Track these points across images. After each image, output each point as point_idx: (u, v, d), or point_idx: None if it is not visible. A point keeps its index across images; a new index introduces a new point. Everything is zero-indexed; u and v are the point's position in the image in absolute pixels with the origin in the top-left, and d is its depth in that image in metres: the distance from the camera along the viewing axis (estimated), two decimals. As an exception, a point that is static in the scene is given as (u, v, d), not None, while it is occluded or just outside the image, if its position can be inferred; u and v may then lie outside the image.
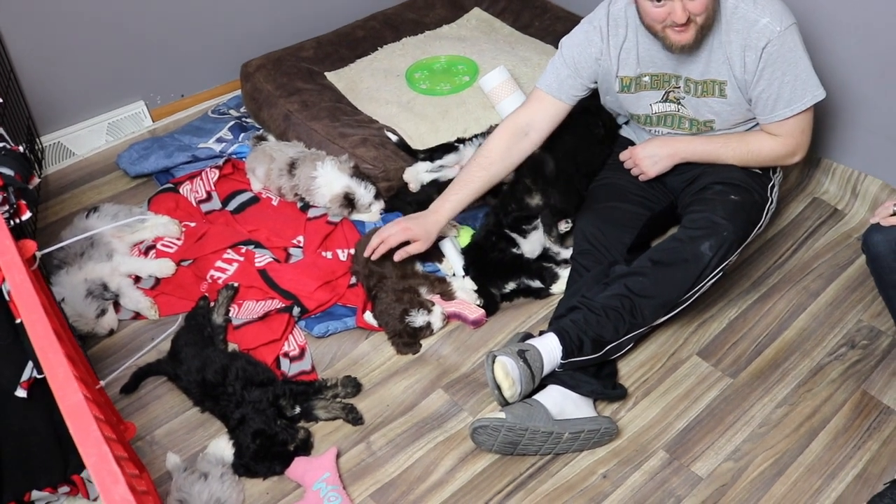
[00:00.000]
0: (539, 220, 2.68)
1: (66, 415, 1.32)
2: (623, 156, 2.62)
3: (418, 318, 2.47)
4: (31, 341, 1.51)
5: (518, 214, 2.69)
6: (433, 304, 2.53)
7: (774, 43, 2.21)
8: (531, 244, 2.68)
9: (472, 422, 2.17)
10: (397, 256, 2.51)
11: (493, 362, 2.15)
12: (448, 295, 2.58)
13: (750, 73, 2.26)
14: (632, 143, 2.68)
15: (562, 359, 2.23)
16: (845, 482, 2.14)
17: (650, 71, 2.40)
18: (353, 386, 2.37)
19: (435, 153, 2.91)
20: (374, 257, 2.52)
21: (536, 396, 2.22)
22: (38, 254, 1.87)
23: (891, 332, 2.48)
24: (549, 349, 2.23)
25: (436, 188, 2.81)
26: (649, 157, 2.53)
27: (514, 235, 2.65)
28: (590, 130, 2.74)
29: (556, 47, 2.56)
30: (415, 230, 2.51)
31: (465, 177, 2.55)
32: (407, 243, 2.52)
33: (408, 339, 2.48)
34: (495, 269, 2.62)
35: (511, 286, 2.62)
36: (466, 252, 2.70)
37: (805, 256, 2.78)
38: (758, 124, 2.42)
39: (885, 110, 2.79)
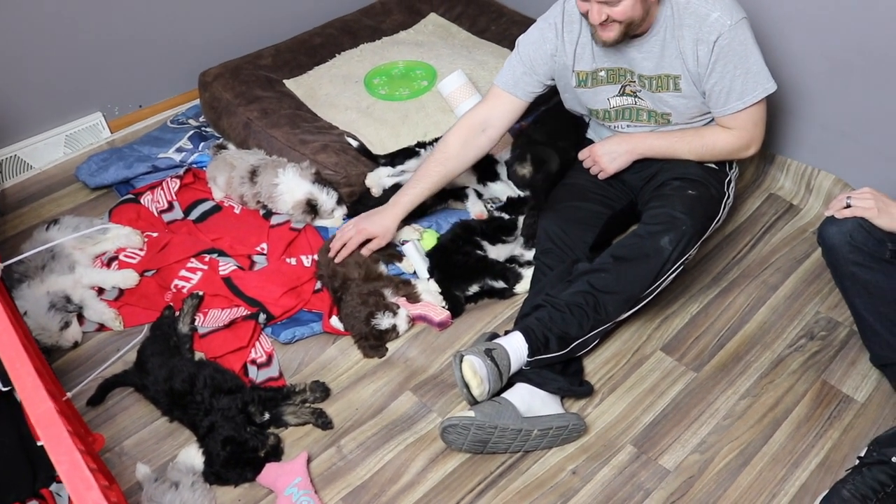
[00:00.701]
0: (519, 231, 2.75)
1: (36, 423, 1.32)
2: (582, 154, 2.65)
3: (384, 321, 2.48)
4: (-5, 353, 1.50)
5: (498, 224, 2.74)
6: (398, 306, 2.54)
7: (725, 36, 2.26)
8: (498, 249, 2.71)
9: (441, 421, 2.18)
10: (364, 252, 2.59)
11: (461, 361, 2.16)
12: (413, 297, 2.59)
13: (703, 66, 2.31)
14: (591, 142, 2.71)
15: (528, 356, 2.25)
16: (809, 470, 2.18)
17: (605, 66, 2.44)
18: (322, 391, 2.37)
19: (396, 158, 2.92)
20: (337, 260, 2.57)
21: (504, 395, 2.23)
22: (0, 265, 1.86)
23: (848, 323, 2.54)
24: (516, 347, 2.25)
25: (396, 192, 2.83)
26: (607, 154, 2.56)
27: (486, 243, 2.70)
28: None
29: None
30: (371, 228, 2.58)
31: (423, 172, 2.60)
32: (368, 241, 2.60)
33: (374, 342, 2.49)
34: (459, 271, 2.64)
35: (475, 288, 2.64)
36: (432, 255, 2.71)
37: (763, 251, 2.83)
38: (714, 118, 2.47)
39: (837, 106, 2.85)
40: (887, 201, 2.14)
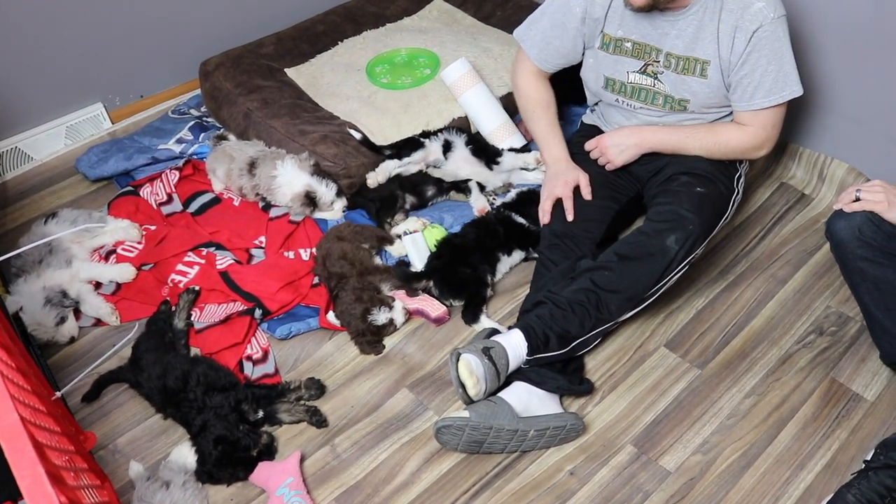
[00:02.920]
0: None
1: (0, 436, 1.28)
2: (589, 144, 2.58)
3: (380, 317, 2.43)
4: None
5: (524, 233, 2.68)
6: (394, 299, 2.49)
7: (766, 28, 2.21)
8: (513, 257, 2.68)
9: (436, 421, 2.14)
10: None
11: (458, 360, 2.11)
12: (411, 290, 2.55)
13: (736, 55, 2.25)
14: (599, 132, 2.65)
15: (527, 355, 2.20)
16: (814, 472, 2.13)
17: (633, 38, 2.38)
18: (317, 388, 2.34)
19: (402, 150, 2.88)
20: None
21: (501, 394, 2.19)
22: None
23: (859, 318, 2.46)
24: (515, 345, 2.20)
25: (397, 183, 2.78)
26: (616, 145, 2.49)
27: (504, 256, 2.64)
28: None
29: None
30: (570, 178, 2.52)
31: (543, 124, 2.64)
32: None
33: (371, 338, 2.45)
34: (455, 282, 2.55)
35: (458, 303, 2.58)
36: (440, 247, 2.62)
37: (773, 243, 2.76)
38: (728, 115, 2.41)
39: (852, 94, 2.77)
40: (899, 194, 2.08)
